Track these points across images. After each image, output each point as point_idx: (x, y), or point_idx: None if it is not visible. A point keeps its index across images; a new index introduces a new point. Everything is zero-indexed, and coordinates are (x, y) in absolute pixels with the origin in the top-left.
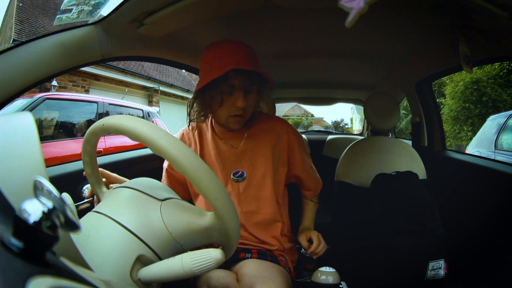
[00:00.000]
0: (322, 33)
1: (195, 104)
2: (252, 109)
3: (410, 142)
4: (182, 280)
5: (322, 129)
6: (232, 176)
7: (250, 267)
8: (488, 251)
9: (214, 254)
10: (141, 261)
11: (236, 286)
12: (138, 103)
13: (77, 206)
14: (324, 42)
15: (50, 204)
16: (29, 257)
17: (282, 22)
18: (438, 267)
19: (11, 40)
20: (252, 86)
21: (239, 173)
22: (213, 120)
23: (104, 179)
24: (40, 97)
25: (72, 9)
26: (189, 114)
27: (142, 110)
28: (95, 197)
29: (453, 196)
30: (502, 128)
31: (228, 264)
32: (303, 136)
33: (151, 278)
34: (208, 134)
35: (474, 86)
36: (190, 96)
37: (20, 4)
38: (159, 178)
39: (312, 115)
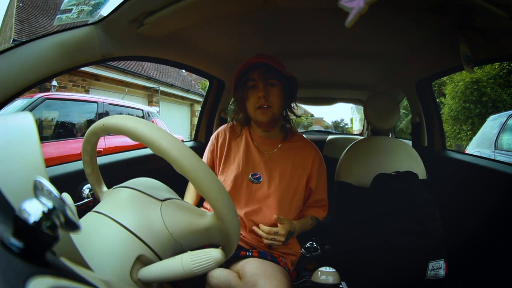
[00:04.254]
0: (322, 33)
1: (235, 106)
2: (277, 102)
3: (410, 142)
4: (183, 279)
5: (322, 129)
6: (250, 176)
7: (253, 265)
8: (488, 251)
9: (214, 254)
10: (141, 261)
11: (239, 283)
12: (138, 103)
13: (77, 206)
14: (324, 42)
15: (50, 204)
16: (29, 257)
17: (282, 23)
18: (438, 267)
19: (11, 40)
20: (271, 80)
21: (257, 176)
22: (252, 125)
23: None
24: (40, 97)
25: (72, 9)
26: (232, 117)
27: (142, 110)
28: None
29: (453, 196)
30: (502, 128)
31: (228, 262)
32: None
33: (151, 278)
34: (246, 135)
35: (474, 86)
36: (190, 96)
37: (20, 4)
38: (159, 178)
39: (312, 115)
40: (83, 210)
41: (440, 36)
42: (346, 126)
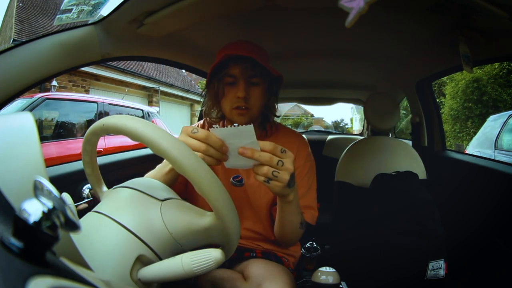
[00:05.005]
0: (322, 33)
1: (207, 100)
2: (258, 104)
3: (410, 142)
4: (185, 281)
5: (322, 129)
6: (231, 179)
7: (257, 266)
8: (488, 251)
9: (214, 254)
10: (141, 261)
11: (243, 285)
12: (138, 103)
13: (77, 206)
14: (324, 42)
15: (50, 204)
16: (29, 257)
17: (282, 22)
18: (438, 267)
19: (11, 40)
20: (254, 78)
21: (239, 178)
22: (227, 123)
23: None
24: (40, 97)
25: (72, 9)
26: (204, 112)
27: (142, 110)
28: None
29: (453, 196)
30: (503, 128)
31: (232, 263)
32: (303, 136)
33: (151, 278)
34: None
35: (475, 84)
36: (190, 96)
37: (20, 4)
38: None
39: (312, 115)
40: (83, 210)
41: (440, 36)
42: (346, 126)
